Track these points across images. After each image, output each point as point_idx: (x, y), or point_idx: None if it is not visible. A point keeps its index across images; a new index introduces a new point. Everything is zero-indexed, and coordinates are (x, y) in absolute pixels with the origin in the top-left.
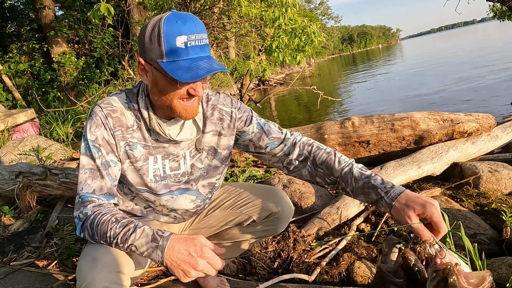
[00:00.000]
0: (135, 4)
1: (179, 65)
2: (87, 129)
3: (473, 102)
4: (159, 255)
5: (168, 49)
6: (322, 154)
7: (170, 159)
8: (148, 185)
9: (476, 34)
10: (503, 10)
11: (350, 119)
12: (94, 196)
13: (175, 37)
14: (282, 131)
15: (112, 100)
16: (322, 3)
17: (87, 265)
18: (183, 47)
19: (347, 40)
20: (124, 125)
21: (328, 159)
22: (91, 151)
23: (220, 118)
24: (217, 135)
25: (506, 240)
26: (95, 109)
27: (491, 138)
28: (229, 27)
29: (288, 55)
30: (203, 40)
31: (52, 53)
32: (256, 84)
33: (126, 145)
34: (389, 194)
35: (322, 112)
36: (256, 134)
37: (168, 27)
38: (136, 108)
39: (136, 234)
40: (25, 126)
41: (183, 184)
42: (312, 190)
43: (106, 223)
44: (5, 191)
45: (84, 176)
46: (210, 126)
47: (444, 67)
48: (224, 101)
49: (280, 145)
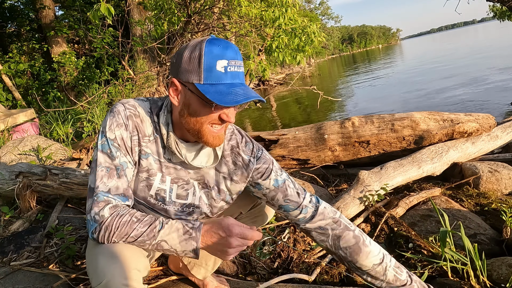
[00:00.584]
0: (135, 4)
1: (217, 89)
2: (107, 126)
3: (473, 102)
4: (193, 245)
5: (208, 71)
6: (349, 238)
7: (179, 186)
8: (147, 199)
9: (476, 34)
10: (503, 10)
11: (350, 119)
12: (109, 195)
13: (216, 61)
14: (300, 195)
15: (137, 105)
16: (322, 3)
17: (104, 263)
18: (222, 71)
19: (347, 40)
20: (142, 132)
21: (355, 247)
22: (110, 148)
23: (235, 163)
24: (230, 180)
25: (506, 240)
26: (119, 107)
27: (491, 138)
28: (229, 27)
29: (288, 55)
30: (241, 68)
31: (52, 53)
32: (256, 84)
33: (139, 152)
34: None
35: (322, 112)
36: (271, 191)
37: (210, 49)
38: (156, 121)
39: (165, 230)
40: (25, 126)
41: (185, 215)
42: (312, 190)
43: (127, 223)
44: (5, 191)
45: (101, 174)
46: (224, 167)
47: (444, 67)
48: (245, 147)
49: (295, 210)
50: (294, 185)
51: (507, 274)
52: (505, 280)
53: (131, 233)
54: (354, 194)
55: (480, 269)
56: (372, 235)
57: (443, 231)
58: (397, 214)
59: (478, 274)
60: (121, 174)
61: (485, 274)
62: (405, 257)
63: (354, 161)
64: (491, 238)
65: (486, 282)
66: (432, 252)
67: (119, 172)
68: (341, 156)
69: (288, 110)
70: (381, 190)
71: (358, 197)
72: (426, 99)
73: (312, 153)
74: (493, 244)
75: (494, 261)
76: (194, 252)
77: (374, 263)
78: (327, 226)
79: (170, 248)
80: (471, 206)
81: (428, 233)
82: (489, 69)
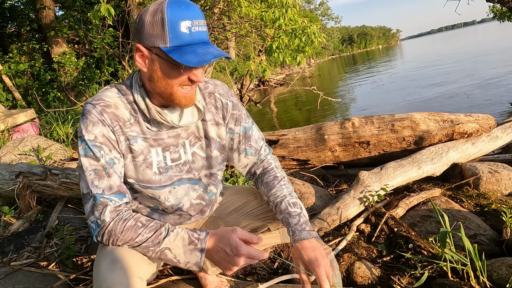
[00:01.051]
0: (135, 5)
1: (184, 50)
2: (83, 129)
3: (473, 102)
4: (198, 256)
5: (173, 34)
6: (269, 177)
7: (171, 151)
8: (153, 179)
9: (476, 34)
10: (503, 11)
11: (350, 120)
12: (105, 196)
13: (179, 22)
14: (258, 143)
15: (104, 96)
16: (322, 4)
17: (106, 268)
18: (187, 32)
19: (347, 41)
20: (120, 120)
21: (271, 183)
22: (92, 151)
23: (216, 107)
24: (216, 125)
25: (506, 241)
26: (87, 107)
27: (491, 138)
28: (229, 28)
29: (288, 56)
30: (204, 27)
31: (52, 53)
32: (256, 84)
33: (126, 140)
34: (294, 236)
35: (322, 113)
36: (239, 136)
37: (172, 11)
38: (131, 100)
39: (170, 237)
40: (25, 126)
41: (185, 173)
42: (312, 190)
43: (132, 228)
44: (5, 191)
45: (90, 178)
46: (208, 115)
47: (444, 67)
48: (222, 90)
49: (254, 155)
50: (258, 131)
51: (507, 274)
52: (505, 280)
53: (136, 238)
54: (354, 194)
55: (480, 269)
56: (372, 235)
57: (443, 231)
58: (397, 215)
59: (478, 274)
60: (110, 173)
61: (485, 275)
62: (405, 258)
63: (354, 161)
64: (491, 239)
65: (486, 282)
66: (432, 253)
67: (108, 171)
68: (341, 156)
69: (288, 111)
70: (381, 190)
71: (358, 197)
72: (426, 99)
73: (312, 154)
74: (493, 244)
75: (494, 261)
76: (197, 265)
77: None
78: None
79: (173, 258)
80: (471, 207)
81: (428, 233)
82: (489, 70)
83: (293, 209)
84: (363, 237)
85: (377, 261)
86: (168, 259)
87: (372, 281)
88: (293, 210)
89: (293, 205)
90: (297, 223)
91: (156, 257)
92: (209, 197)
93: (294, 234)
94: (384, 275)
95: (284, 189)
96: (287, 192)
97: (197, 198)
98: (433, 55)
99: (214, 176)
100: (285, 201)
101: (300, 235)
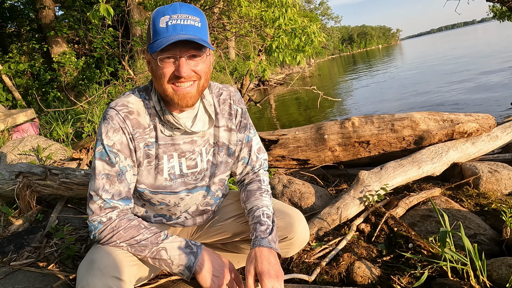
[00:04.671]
0: (135, 4)
1: (156, 43)
2: (103, 133)
3: (473, 102)
4: (191, 260)
5: (153, 31)
6: (253, 186)
7: (187, 158)
8: (163, 185)
9: (476, 34)
10: (503, 11)
11: (350, 119)
12: (114, 201)
13: (159, 19)
14: (258, 155)
15: (127, 102)
16: (322, 3)
17: (84, 268)
18: (164, 27)
19: (347, 41)
20: (141, 126)
21: (253, 192)
22: (109, 156)
23: (230, 113)
24: (229, 131)
25: (506, 241)
26: (111, 112)
27: (491, 138)
28: (229, 27)
29: (288, 55)
30: (188, 20)
31: (52, 53)
32: (256, 84)
33: (145, 146)
34: (256, 240)
35: (322, 113)
36: (242, 144)
37: (157, 12)
38: (151, 105)
39: (169, 239)
40: (25, 126)
41: (199, 181)
42: (312, 190)
43: (135, 227)
44: (5, 191)
45: (102, 182)
46: (222, 121)
47: (444, 67)
48: (235, 97)
49: (248, 165)
50: (258, 143)
51: (507, 274)
52: (505, 280)
53: (137, 236)
54: (354, 194)
55: (480, 269)
56: (372, 235)
57: (443, 231)
58: (397, 214)
59: (478, 274)
60: (122, 179)
61: (485, 274)
62: (405, 257)
63: (354, 161)
64: (491, 238)
65: (486, 282)
66: (432, 252)
67: (120, 178)
68: (341, 156)
69: (288, 110)
70: (381, 190)
71: (358, 197)
72: (426, 99)
73: (312, 153)
74: (493, 244)
75: (494, 261)
76: (189, 269)
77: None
78: (250, 179)
79: (167, 259)
80: (471, 207)
81: (428, 233)
82: (489, 69)
83: (265, 219)
84: (363, 237)
85: (377, 261)
86: (162, 259)
87: (372, 281)
88: (265, 220)
89: (267, 217)
90: (264, 231)
91: (151, 257)
92: (215, 202)
93: (256, 238)
94: (384, 275)
95: (264, 201)
96: (266, 204)
97: (204, 205)
98: (433, 54)
99: (222, 181)
100: (261, 210)
101: (261, 242)
